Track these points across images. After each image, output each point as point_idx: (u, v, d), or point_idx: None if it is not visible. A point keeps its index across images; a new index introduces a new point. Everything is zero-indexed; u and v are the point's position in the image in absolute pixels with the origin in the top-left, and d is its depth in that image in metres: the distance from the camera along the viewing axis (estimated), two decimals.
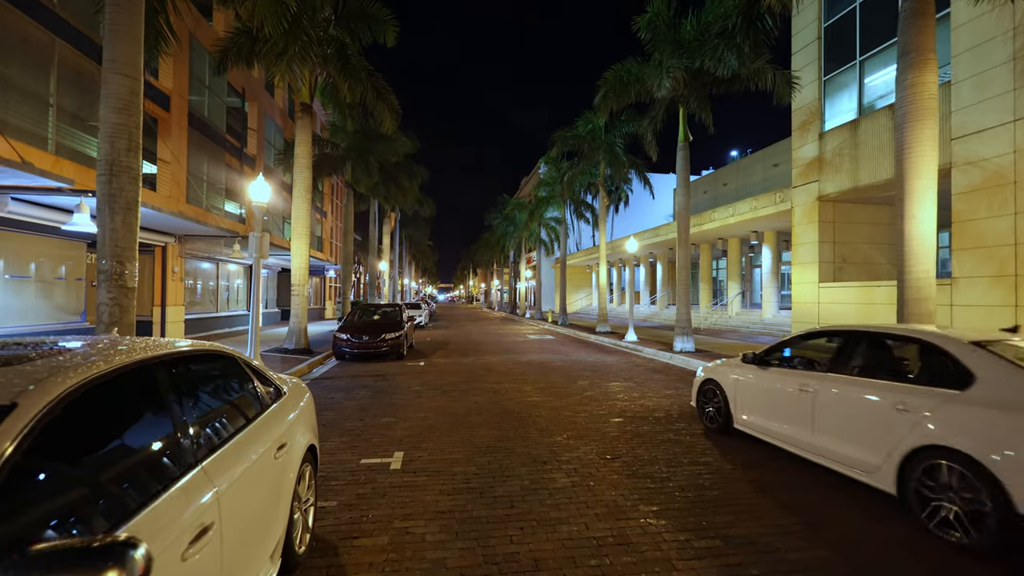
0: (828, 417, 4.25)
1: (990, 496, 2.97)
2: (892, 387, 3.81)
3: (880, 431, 3.76)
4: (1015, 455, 2.92)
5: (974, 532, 3.04)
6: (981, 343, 3.62)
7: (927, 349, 3.89)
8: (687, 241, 14.11)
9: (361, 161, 17.79)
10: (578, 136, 20.64)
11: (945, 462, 3.26)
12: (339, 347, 11.81)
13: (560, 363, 11.87)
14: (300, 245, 12.33)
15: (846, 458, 4.02)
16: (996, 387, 3.26)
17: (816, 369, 4.57)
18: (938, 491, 3.29)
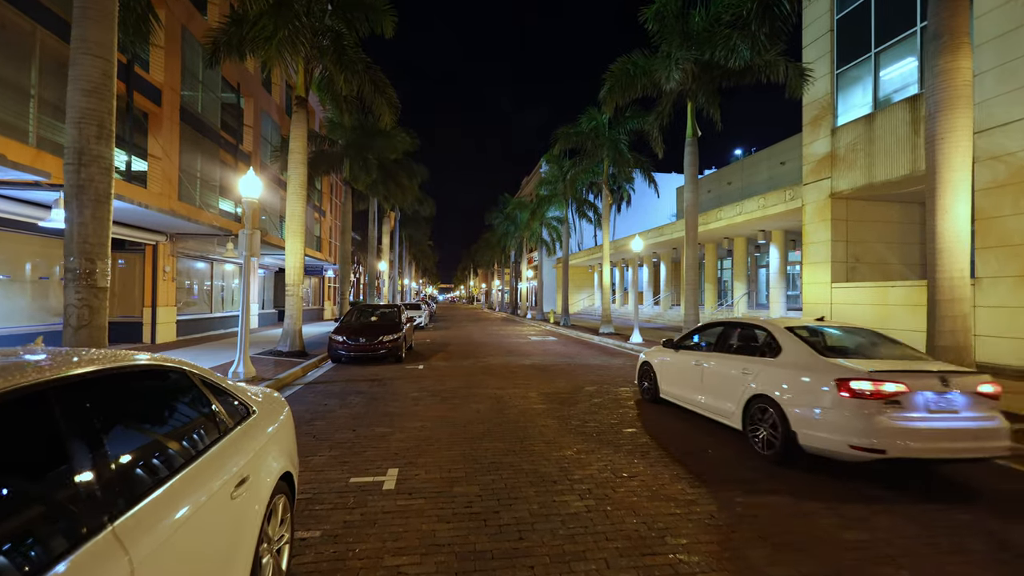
0: (709, 381, 6.06)
1: (781, 422, 4.73)
2: (742, 359, 5.56)
3: (735, 387, 5.48)
4: (792, 395, 4.71)
5: (777, 446, 4.78)
6: (791, 328, 5.31)
7: (762, 332, 5.58)
8: (695, 239, 13.64)
9: (359, 158, 17.34)
10: (581, 133, 20.18)
11: (763, 404, 5.01)
12: (335, 349, 11.35)
13: (564, 366, 11.41)
14: (295, 244, 11.87)
15: (718, 409, 5.78)
16: (791, 355, 4.99)
17: (705, 350, 6.44)
18: (759, 423, 5.05)
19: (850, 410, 4.20)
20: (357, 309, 13.76)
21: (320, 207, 31.38)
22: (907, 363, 4.55)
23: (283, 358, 11.34)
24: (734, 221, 19.31)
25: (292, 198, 11.91)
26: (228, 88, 18.20)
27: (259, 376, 8.74)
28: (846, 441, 4.18)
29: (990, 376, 4.35)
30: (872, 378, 4.18)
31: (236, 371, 8.48)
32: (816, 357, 4.73)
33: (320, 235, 31.62)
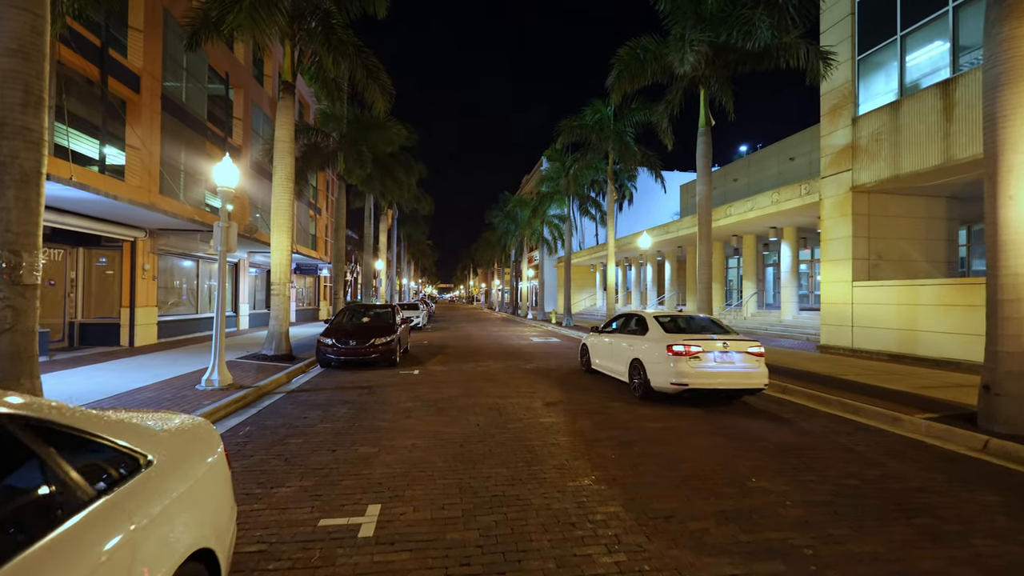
0: (613, 353, 8.97)
1: (643, 373, 7.54)
2: (629, 337, 8.41)
3: (625, 355, 8.30)
4: (649, 357, 7.46)
5: (641, 389, 7.61)
6: (656, 316, 8.12)
7: (640, 319, 8.40)
8: (708, 235, 12.84)
9: (353, 151, 16.52)
10: (585, 126, 19.39)
11: (636, 363, 7.79)
12: (323, 353, 10.53)
13: (571, 371, 10.59)
14: (281, 239, 11.05)
15: (617, 371, 8.70)
16: (652, 333, 7.73)
17: (613, 332, 9.31)
18: (634, 376, 7.90)
19: (672, 362, 7.16)
20: (349, 309, 12.94)
21: (316, 204, 30.56)
22: (710, 336, 7.42)
23: (267, 362, 10.52)
24: (745, 217, 18.50)
25: (278, 190, 11.09)
26: (216, 78, 17.37)
27: (236, 383, 7.92)
28: (669, 380, 7.17)
29: (758, 342, 7.52)
30: (684, 343, 7.18)
31: (210, 378, 7.66)
32: (662, 333, 7.65)
33: (316, 233, 30.81)
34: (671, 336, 7.41)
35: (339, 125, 17.50)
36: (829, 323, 13.95)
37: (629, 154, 18.12)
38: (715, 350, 7.15)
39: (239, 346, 13.45)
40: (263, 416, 6.53)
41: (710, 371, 7.07)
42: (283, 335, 11.05)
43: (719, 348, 7.18)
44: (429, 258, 71.55)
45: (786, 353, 13.37)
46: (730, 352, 7.22)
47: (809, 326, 17.94)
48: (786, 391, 8.44)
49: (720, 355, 7.17)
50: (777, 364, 11.02)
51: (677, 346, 7.14)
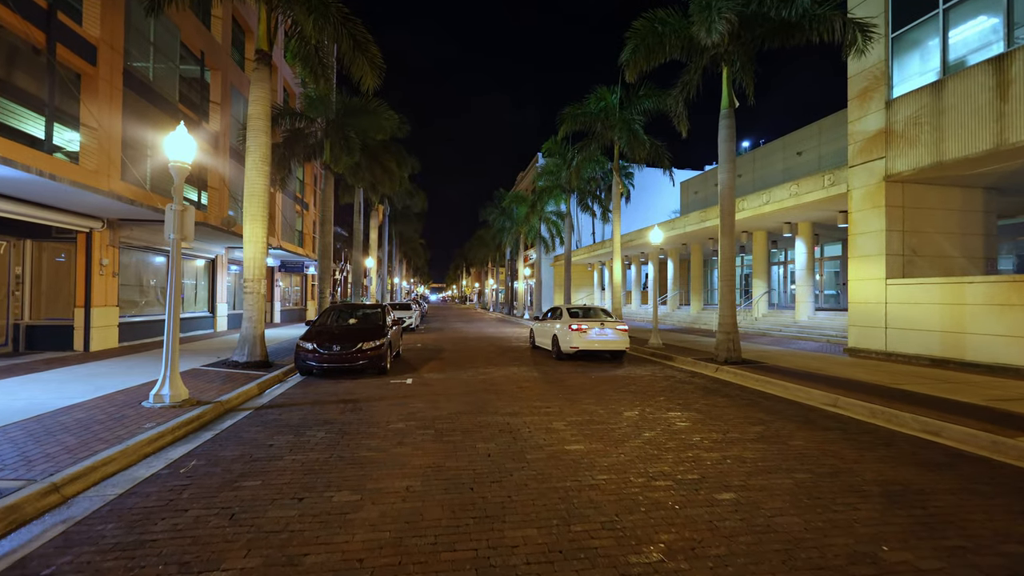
0: (545, 332, 13.41)
1: (558, 344, 12.20)
2: (552, 322, 13.05)
3: (550, 333, 12.96)
4: (561, 333, 11.98)
5: (556, 353, 12.39)
6: (567, 308, 12.91)
7: (557, 310, 13.45)
8: (732, 228, 11.67)
9: (340, 137, 15.16)
10: (589, 114, 18.17)
11: (555, 337, 12.40)
12: (303, 359, 9.21)
13: (585, 379, 9.37)
14: (255, 229, 9.71)
15: (545, 344, 13.42)
16: (563, 318, 12.29)
17: (545, 319, 13.85)
18: (553, 346, 12.60)
19: (571, 336, 11.44)
20: (334, 309, 11.61)
21: (303, 199, 29.10)
22: (594, 319, 11.90)
23: (238, 370, 9.18)
24: (760, 211, 17.39)
25: (252, 174, 9.75)
26: (190, 58, 15.93)
27: (194, 399, 6.60)
28: (570, 346, 11.51)
29: (623, 322, 13.19)
30: (577, 324, 11.51)
31: (160, 393, 6.33)
32: (568, 319, 11.96)
33: (303, 230, 29.34)
34: (573, 320, 12.04)
35: (325, 110, 16.13)
36: (859, 324, 12.85)
37: (637, 143, 16.94)
38: (596, 327, 11.75)
39: (211, 351, 12.06)
40: (218, 443, 5.22)
41: (594, 340, 11.71)
42: (257, 339, 9.71)
43: (598, 326, 11.78)
44: (421, 257, 70.08)
45: (812, 357, 12.25)
46: (606, 328, 11.81)
47: (828, 327, 16.88)
48: (838, 404, 7.27)
49: (599, 330, 11.75)
50: (810, 371, 9.87)
51: (574, 326, 11.73)
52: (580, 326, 11.67)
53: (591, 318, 12.31)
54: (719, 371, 10.51)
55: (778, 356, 12.40)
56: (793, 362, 11.37)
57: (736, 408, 7.06)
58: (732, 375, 9.96)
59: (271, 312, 24.42)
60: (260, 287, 9.76)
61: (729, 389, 8.60)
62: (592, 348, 11.70)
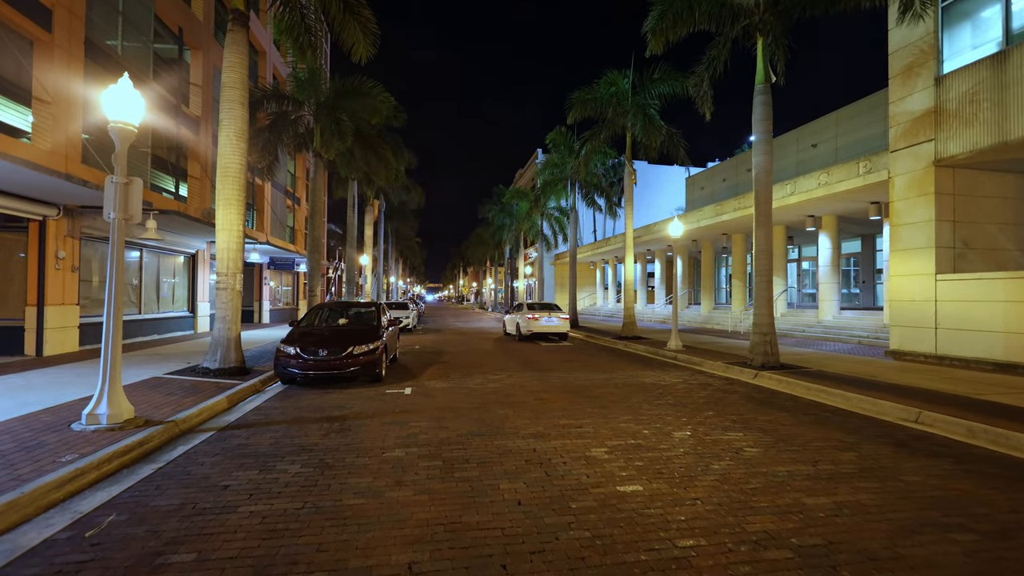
0: (513, 321, 18.24)
1: (521, 328, 17.11)
2: (517, 313, 17.90)
3: (515, 322, 17.80)
4: (522, 320, 16.91)
5: (518, 336, 17.37)
6: (528, 304, 17.99)
7: (520, 304, 18.43)
8: (768, 217, 10.45)
9: (331, 120, 13.86)
10: (599, 99, 16.94)
11: (518, 324, 17.54)
12: (284, 366, 7.90)
13: (612, 388, 8.11)
14: (229, 216, 8.41)
15: (512, 329, 18.43)
16: (523, 310, 17.45)
17: (512, 312, 19.11)
18: (517, 332, 17.55)
19: (527, 321, 16.57)
20: (323, 308, 10.31)
21: (294, 193, 27.75)
22: (545, 311, 17.14)
23: (208, 379, 7.87)
24: (785, 203, 16.17)
25: (226, 151, 8.44)
26: (167, 34, 14.58)
27: (140, 418, 5.29)
28: (528, 330, 16.60)
29: (564, 312, 17.69)
30: (533, 314, 16.75)
31: (95, 413, 5.02)
32: (527, 310, 17.10)
33: (294, 226, 28.00)
34: (530, 312, 16.87)
35: (315, 92, 14.81)
36: (903, 324, 11.66)
37: (653, 129, 15.69)
38: (545, 316, 16.53)
39: (184, 355, 10.73)
40: (156, 484, 3.93)
41: (543, 325, 16.40)
42: (231, 342, 8.40)
43: (547, 315, 16.59)
44: (418, 256, 68.66)
45: (853, 361, 11.05)
46: (552, 317, 16.62)
47: (857, 327, 15.70)
48: (921, 420, 6.04)
49: (547, 319, 16.49)
50: (860, 376, 8.66)
51: (530, 315, 16.51)
52: (534, 315, 16.82)
53: (542, 311, 17.37)
54: (758, 377, 9.28)
55: (816, 359, 11.19)
56: (836, 366, 10.17)
57: (805, 426, 5.82)
58: (776, 382, 8.73)
59: (259, 312, 23.06)
60: (235, 282, 8.45)
61: (780, 400, 7.36)
62: (542, 331, 16.73)
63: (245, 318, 22.26)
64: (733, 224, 19.90)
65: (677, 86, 16.02)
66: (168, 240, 14.40)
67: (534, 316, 16.58)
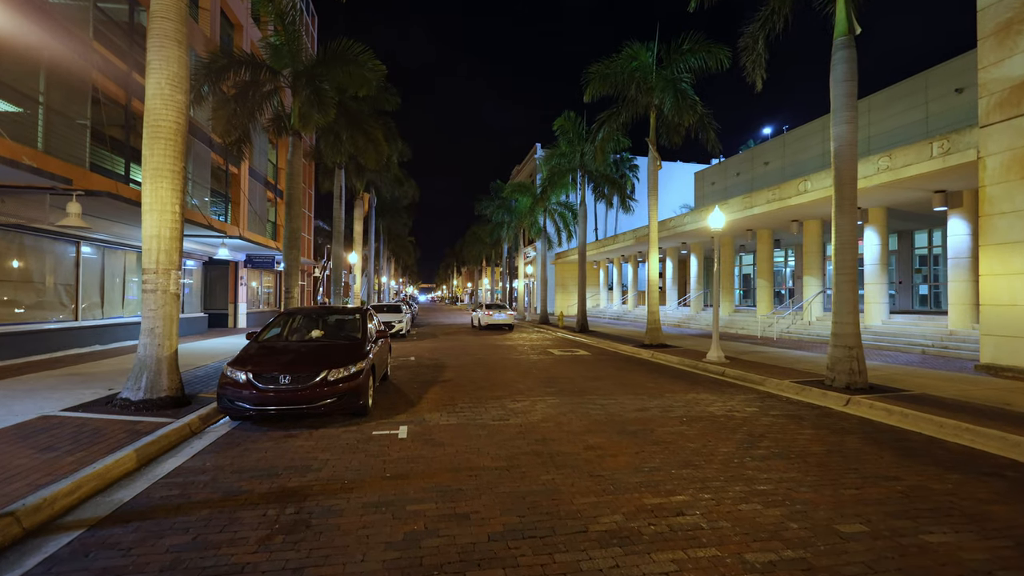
0: (475, 316, 24.84)
1: (479, 322, 24.02)
2: (480, 309, 24.36)
3: (478, 316, 24.05)
4: (480, 315, 23.69)
5: (477, 327, 24.60)
6: (486, 304, 25.66)
7: (480, 303, 29.36)
8: (853, 201, 8.40)
9: (311, 90, 11.64)
10: (620, 74, 14.85)
11: (476, 319, 24.71)
12: (232, 398, 5.70)
13: (674, 422, 6.01)
14: (158, 191, 6.20)
15: (475, 322, 24.66)
16: (481, 308, 24.61)
17: (478, 309, 25.22)
18: (475, 323, 24.83)
19: (483, 316, 23.13)
20: (296, 315, 8.07)
21: (276, 186, 25.43)
22: (497, 307, 24.11)
23: (124, 415, 5.67)
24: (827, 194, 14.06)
25: (155, 104, 6.24)
26: None
27: None
28: (482, 323, 23.11)
29: (510, 309, 30.11)
30: (487, 310, 23.50)
31: None
32: (484, 308, 24.15)
33: (276, 220, 25.68)
34: (486, 309, 23.77)
35: (292, 59, 12.56)
36: (999, 333, 9.70)
37: (685, 105, 13.62)
38: (495, 312, 23.06)
39: (115, 374, 8.47)
40: None
41: (491, 319, 22.68)
42: (163, 362, 6.19)
43: (497, 312, 23.18)
44: (411, 255, 66.29)
45: (941, 378, 9.02)
46: (502, 312, 23.15)
47: (915, 335, 13.75)
48: None
49: (497, 314, 22.91)
50: (977, 403, 6.59)
51: (483, 311, 23.44)
52: (488, 312, 23.13)
53: (494, 309, 23.75)
54: (852, 404, 7.23)
55: (900, 377, 9.17)
56: (932, 386, 8.17)
57: (1013, 504, 3.76)
58: (883, 412, 6.68)
59: (234, 315, 20.72)
60: (169, 282, 6.25)
61: (918, 445, 5.31)
62: (493, 323, 22.73)
63: (218, 322, 19.92)
64: (765, 218, 17.90)
65: (710, 58, 14.01)
66: (115, 232, 12.12)
67: (488, 312, 23.27)
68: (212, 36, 17.32)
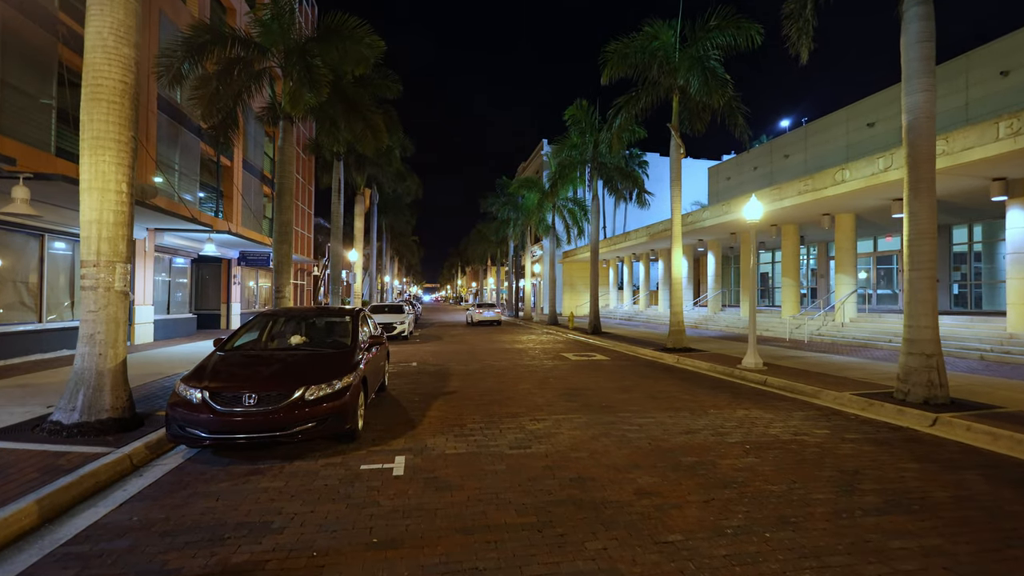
0: (468, 313, 29.01)
1: (472, 319, 28.22)
2: (473, 308, 29.21)
3: (471, 314, 27.66)
4: (472, 313, 28.31)
5: (469, 323, 28.26)
6: (477, 304, 32.65)
7: (474, 303, 40.36)
8: (931, 182, 7.14)
9: (301, 67, 10.48)
10: (641, 54, 13.61)
11: (469, 316, 28.30)
12: (183, 422, 4.52)
13: (736, 451, 4.80)
14: (98, 165, 5.05)
15: (468, 318, 28.31)
16: (474, 308, 29.00)
17: (472, 308, 29.50)
18: (467, 320, 29.20)
19: (475, 314, 27.06)
20: (275, 319, 6.86)
21: (273, 180, 24.29)
22: (487, 306, 28.43)
23: (50, 444, 4.51)
24: (880, 180, 12.77)
25: (96, 58, 5.07)
26: None
27: None
28: (474, 320, 26.94)
29: (498, 307, 30.66)
30: (477, 309, 27.70)
31: None
32: (476, 307, 28.75)
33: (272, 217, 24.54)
34: (477, 307, 28.13)
35: (283, 35, 11.41)
36: None
37: (715, 84, 12.36)
38: (485, 311, 27.08)
39: None
40: None
41: (482, 316, 26.60)
42: (105, 376, 5.04)
43: (487, 310, 27.27)
44: (415, 254, 65.18)
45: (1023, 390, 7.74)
46: (491, 311, 27.32)
47: (968, 337, 12.47)
48: None
49: (487, 312, 27.04)
50: None
51: (475, 310, 27.42)
52: (479, 311, 27.15)
53: (484, 307, 27.78)
54: (940, 425, 6.00)
55: (979, 388, 7.91)
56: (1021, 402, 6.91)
57: None
58: (988, 437, 5.42)
59: (227, 316, 19.62)
60: (114, 278, 5.09)
61: None
62: (483, 320, 26.57)
63: (210, 324, 18.83)
64: (794, 211, 16.61)
65: (740, 35, 12.75)
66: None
67: (479, 311, 27.24)
68: (201, 17, 16.20)
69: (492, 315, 26.96)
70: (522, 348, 15.31)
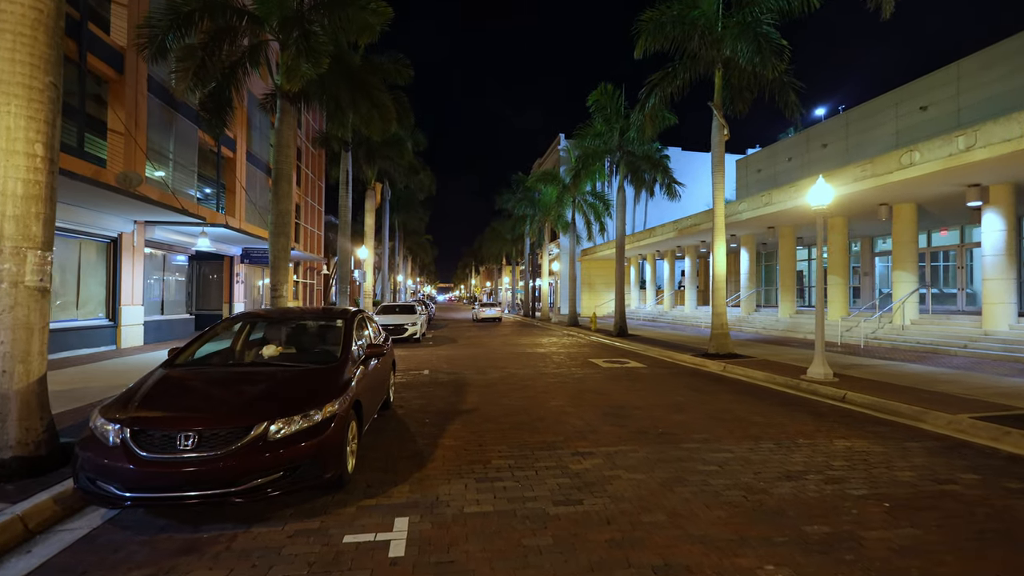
0: (473, 311, 36.09)
1: (476, 316, 31.79)
2: (477, 306, 35.55)
3: (475, 312, 33.23)
4: (476, 311, 34.38)
5: (474, 320, 32.40)
6: (481, 302, 38.86)
7: (481, 302, 39.61)
8: None
9: (299, 34, 9.22)
10: (677, 24, 12.08)
11: (475, 313, 32.82)
12: (96, 472, 3.20)
13: (868, 504, 3.33)
14: (2, 119, 3.75)
15: (473, 315, 32.99)
16: (479, 306, 34.72)
17: (477, 306, 34.38)
18: (474, 317, 32.42)
19: (478, 311, 31.13)
20: (252, 321, 5.54)
21: None
22: (489, 305, 32.44)
23: None
24: (958, 162, 11.09)
25: None
26: None
27: None
28: (477, 317, 30.94)
29: (497, 305, 34.93)
30: (480, 307, 32.01)
31: None
32: (480, 305, 33.46)
33: None
34: (481, 306, 32.14)
35: (281, 5, 10.15)
36: None
37: (769, 52, 10.78)
38: (487, 309, 31.03)
39: None
40: None
41: (484, 313, 30.32)
42: (10, 401, 3.76)
43: (489, 308, 31.13)
44: (428, 254, 64.14)
45: None
46: (493, 309, 31.17)
47: None
48: None
49: (489, 310, 30.81)
50: None
51: (478, 308, 31.61)
52: (482, 309, 30.87)
53: (487, 306, 31.59)
54: None
55: None
56: None
57: None
58: None
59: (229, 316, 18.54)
60: (24, 269, 3.82)
61: None
62: (486, 317, 30.00)
63: (201, 324, 17.75)
64: (846, 200, 14.89)
65: None
66: (67, 217, 9.89)
67: (482, 309, 30.74)
68: None
69: (493, 313, 30.53)
70: (544, 352, 13.89)
